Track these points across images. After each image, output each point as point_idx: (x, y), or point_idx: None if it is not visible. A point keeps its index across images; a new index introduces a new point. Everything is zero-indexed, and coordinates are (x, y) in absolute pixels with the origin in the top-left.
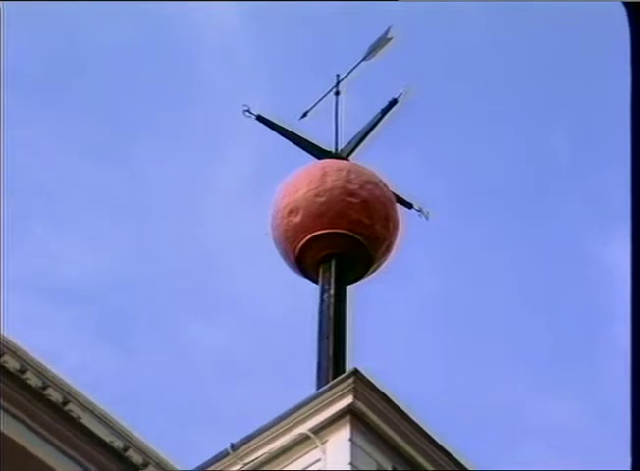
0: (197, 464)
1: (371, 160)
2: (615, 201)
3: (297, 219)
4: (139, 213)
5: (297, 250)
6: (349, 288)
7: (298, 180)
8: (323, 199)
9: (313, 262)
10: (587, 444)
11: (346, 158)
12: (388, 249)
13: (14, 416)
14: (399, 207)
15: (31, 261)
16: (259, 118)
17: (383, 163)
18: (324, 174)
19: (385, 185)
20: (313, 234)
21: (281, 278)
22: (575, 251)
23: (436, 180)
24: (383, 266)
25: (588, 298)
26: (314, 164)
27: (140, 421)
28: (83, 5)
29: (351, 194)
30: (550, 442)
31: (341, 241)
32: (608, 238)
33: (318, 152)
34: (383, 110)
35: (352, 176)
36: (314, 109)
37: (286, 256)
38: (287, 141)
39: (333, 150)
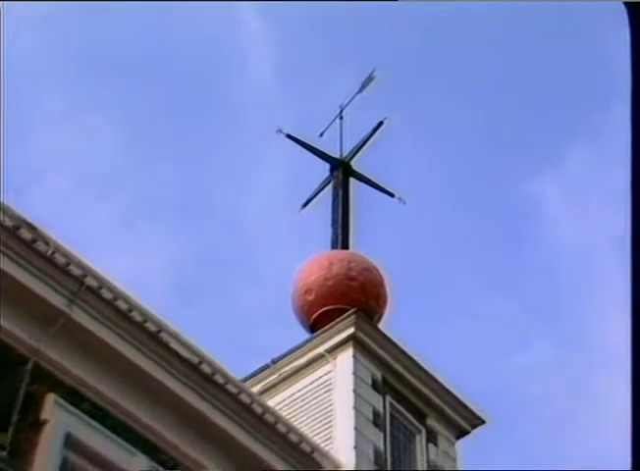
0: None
1: (366, 163)
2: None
3: (311, 297)
4: (196, 217)
5: (312, 321)
6: None
7: (311, 267)
8: (330, 283)
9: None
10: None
11: (348, 162)
12: (379, 320)
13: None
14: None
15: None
16: (288, 136)
17: (375, 165)
18: (330, 263)
19: (377, 270)
20: (323, 309)
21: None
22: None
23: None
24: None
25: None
26: (323, 255)
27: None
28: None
29: (352, 279)
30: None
31: (343, 314)
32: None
33: (328, 159)
34: (374, 128)
35: (352, 264)
36: (327, 130)
37: (302, 324)
38: (308, 154)
39: (339, 156)
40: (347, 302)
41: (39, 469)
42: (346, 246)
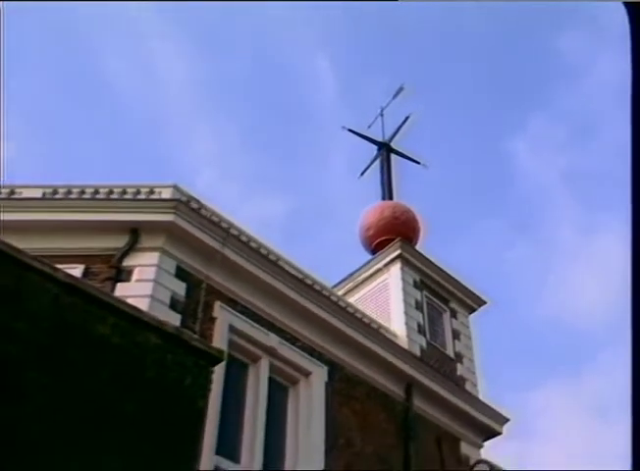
0: (333, 283)
1: (400, 143)
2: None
3: (371, 232)
4: (292, 187)
5: (372, 247)
6: None
7: (369, 213)
8: (382, 222)
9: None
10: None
11: (389, 144)
12: (416, 243)
13: None
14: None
15: None
16: (349, 130)
17: (406, 144)
18: (382, 209)
19: (413, 212)
20: (379, 239)
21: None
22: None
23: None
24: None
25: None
26: (377, 205)
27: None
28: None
29: (396, 218)
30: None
31: (391, 242)
32: (509, 138)
33: (376, 142)
34: (403, 121)
35: (397, 209)
36: (373, 124)
37: (366, 250)
38: (361, 140)
39: (382, 140)
40: (395, 234)
41: (216, 344)
42: (391, 198)
